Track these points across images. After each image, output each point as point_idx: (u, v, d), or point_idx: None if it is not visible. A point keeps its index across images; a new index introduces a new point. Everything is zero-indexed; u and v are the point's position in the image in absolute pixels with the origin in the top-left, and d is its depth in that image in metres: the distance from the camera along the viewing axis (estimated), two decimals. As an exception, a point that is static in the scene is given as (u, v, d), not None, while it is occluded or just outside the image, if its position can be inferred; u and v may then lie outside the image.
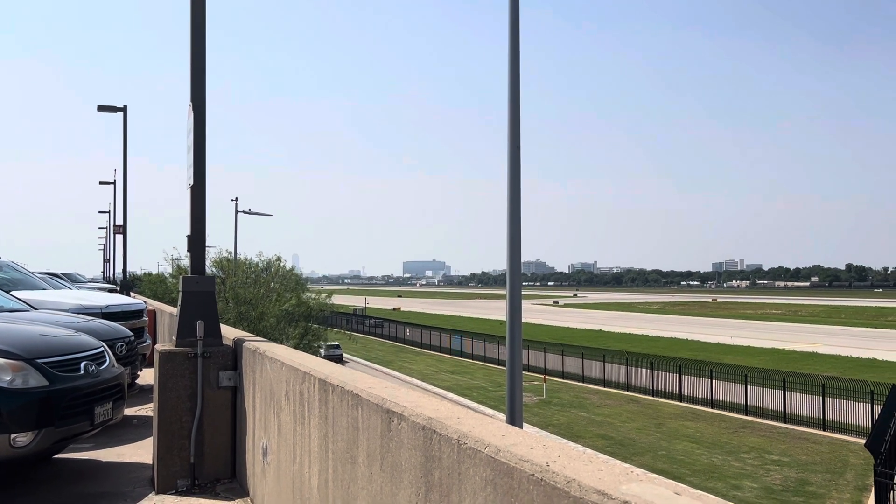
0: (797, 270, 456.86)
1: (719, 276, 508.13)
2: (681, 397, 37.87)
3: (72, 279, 21.49)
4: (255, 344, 5.34)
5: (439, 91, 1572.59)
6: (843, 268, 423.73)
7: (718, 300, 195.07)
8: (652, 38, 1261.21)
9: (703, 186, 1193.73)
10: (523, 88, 10.36)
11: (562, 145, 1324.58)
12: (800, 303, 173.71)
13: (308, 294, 38.02)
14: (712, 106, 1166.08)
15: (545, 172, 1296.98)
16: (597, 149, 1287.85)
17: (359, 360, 55.92)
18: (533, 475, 1.79)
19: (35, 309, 8.30)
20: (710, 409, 35.45)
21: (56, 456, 6.59)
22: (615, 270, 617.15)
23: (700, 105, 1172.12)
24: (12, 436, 5.12)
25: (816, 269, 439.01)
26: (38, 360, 5.46)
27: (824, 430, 30.36)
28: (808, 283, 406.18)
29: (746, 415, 33.78)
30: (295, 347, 16.63)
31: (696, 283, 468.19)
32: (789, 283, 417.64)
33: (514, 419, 9.00)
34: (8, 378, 5.22)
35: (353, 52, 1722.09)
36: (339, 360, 50.13)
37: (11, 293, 8.83)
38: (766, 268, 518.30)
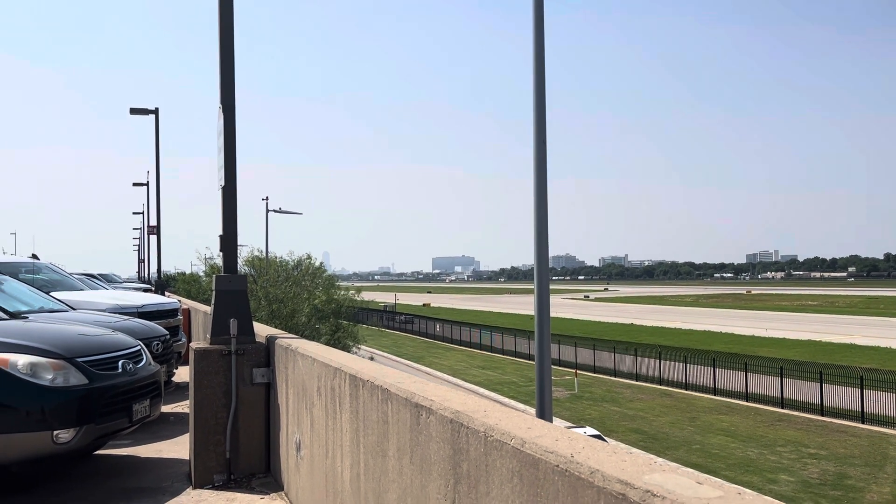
0: (834, 261, 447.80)
1: (753, 268, 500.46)
2: (715, 390, 37.41)
3: (108, 279, 21.95)
4: (287, 341, 5.43)
5: (469, 89, 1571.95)
6: (881, 257, 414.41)
7: (753, 292, 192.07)
8: (683, 33, 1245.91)
9: (736, 177, 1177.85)
10: (551, 84, 10.36)
11: (591, 139, 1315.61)
12: (837, 294, 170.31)
13: (339, 291, 38.41)
14: (746, 99, 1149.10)
15: (574, 166, 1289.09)
16: (627, 142, 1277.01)
17: (390, 356, 56.19)
18: (557, 466, 1.82)
19: (73, 309, 8.52)
20: (744, 403, 34.97)
21: (96, 452, 6.76)
22: (646, 263, 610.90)
23: (734, 98, 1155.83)
24: (55, 432, 5.28)
25: (854, 259, 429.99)
26: (78, 359, 5.61)
27: (863, 422, 29.78)
28: (845, 274, 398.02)
29: (782, 408, 33.27)
30: (326, 344, 16.82)
31: (729, 275, 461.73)
32: (826, 274, 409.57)
33: (544, 413, 9.01)
34: (50, 377, 5.38)
35: (387, 50, 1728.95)
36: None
37: (51, 294, 9.08)
38: (801, 259, 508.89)
